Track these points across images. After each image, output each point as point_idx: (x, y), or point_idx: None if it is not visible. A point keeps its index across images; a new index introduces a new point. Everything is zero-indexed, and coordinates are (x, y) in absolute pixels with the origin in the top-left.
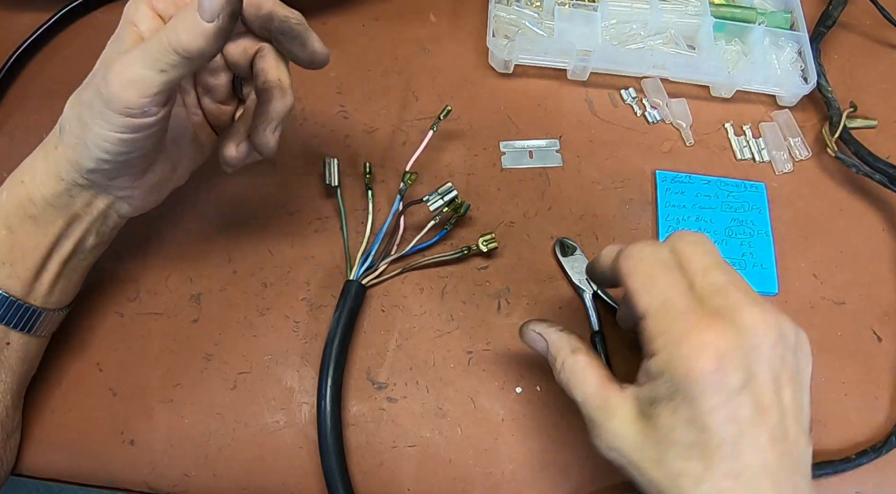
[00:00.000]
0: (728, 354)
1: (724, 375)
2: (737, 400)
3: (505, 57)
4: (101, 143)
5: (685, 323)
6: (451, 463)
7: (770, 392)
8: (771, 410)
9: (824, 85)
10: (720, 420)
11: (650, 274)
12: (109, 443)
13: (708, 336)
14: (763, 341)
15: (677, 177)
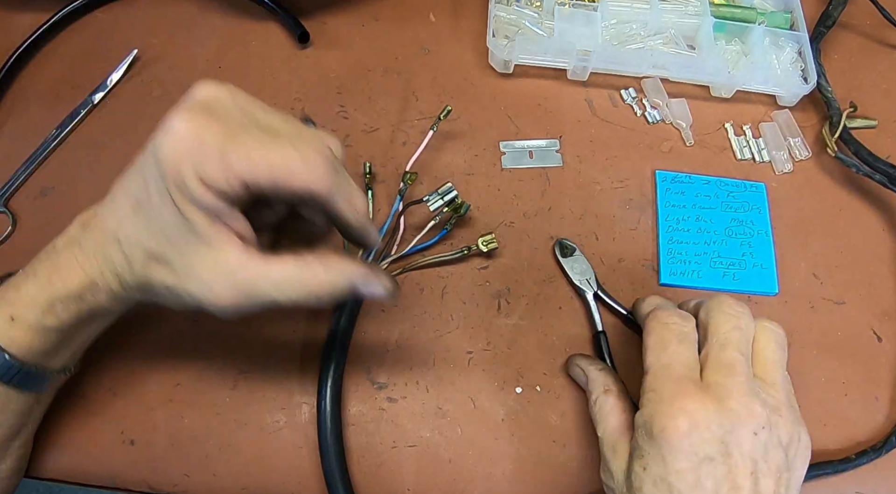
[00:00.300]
0: (704, 424)
1: (695, 442)
2: (705, 469)
3: (505, 57)
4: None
5: (675, 387)
6: (451, 463)
7: (744, 475)
8: (745, 488)
9: (824, 85)
10: (685, 484)
11: (664, 339)
12: (109, 443)
13: (690, 403)
14: (744, 426)
15: (677, 177)
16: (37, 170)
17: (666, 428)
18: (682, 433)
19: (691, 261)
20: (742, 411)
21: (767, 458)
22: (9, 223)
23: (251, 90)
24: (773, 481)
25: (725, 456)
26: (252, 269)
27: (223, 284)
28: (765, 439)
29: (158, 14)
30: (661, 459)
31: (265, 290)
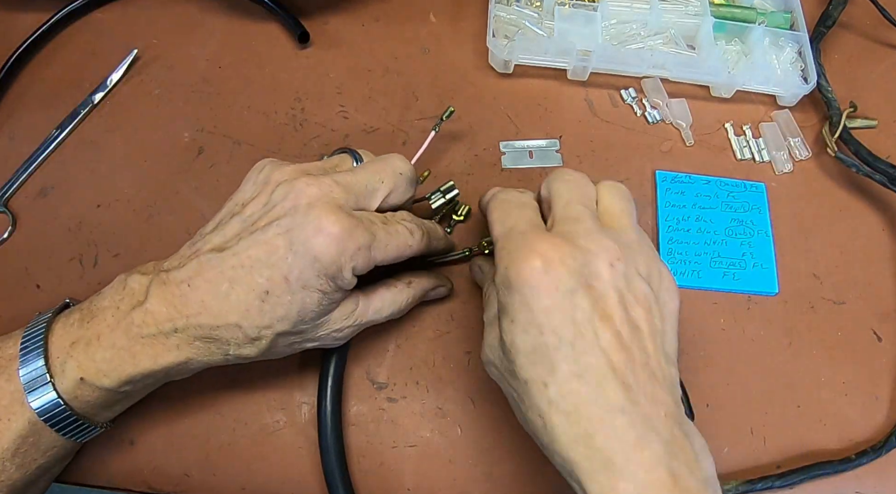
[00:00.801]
0: (558, 259)
1: (555, 277)
2: (570, 301)
3: (505, 57)
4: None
5: (523, 239)
6: (451, 463)
7: (613, 303)
8: (613, 317)
9: (824, 85)
10: (555, 321)
11: (504, 209)
12: (109, 443)
13: (540, 245)
14: (597, 258)
15: (677, 177)
16: (37, 170)
17: (521, 271)
18: (539, 271)
19: (691, 261)
20: (593, 246)
21: (631, 288)
22: (9, 223)
23: (251, 90)
24: (644, 310)
25: (587, 288)
26: (362, 307)
27: (345, 328)
28: (623, 270)
29: (158, 14)
30: (524, 305)
31: (370, 318)
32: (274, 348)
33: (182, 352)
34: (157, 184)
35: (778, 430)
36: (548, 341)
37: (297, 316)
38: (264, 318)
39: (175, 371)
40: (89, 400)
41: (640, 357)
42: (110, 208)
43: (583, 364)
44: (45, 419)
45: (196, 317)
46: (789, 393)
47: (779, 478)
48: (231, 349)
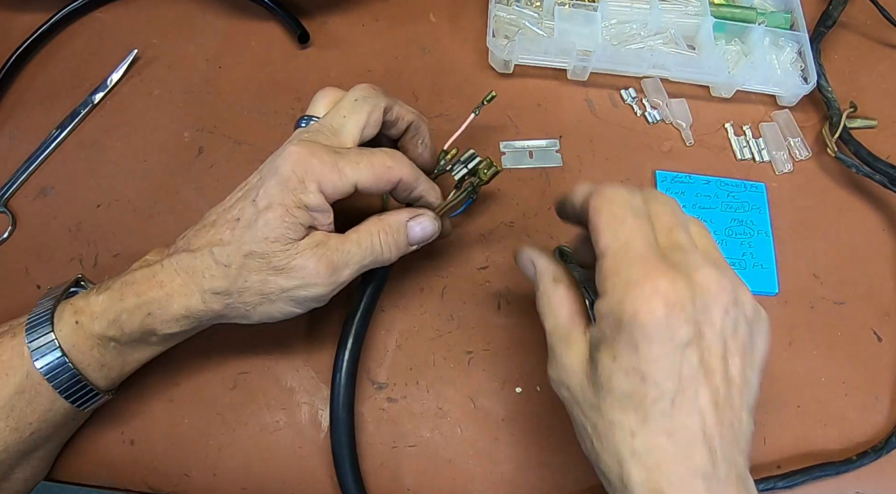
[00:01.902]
0: (679, 305)
1: (672, 326)
2: (681, 355)
3: (505, 57)
4: (276, 315)
5: (642, 267)
6: (451, 463)
7: (717, 356)
8: (716, 374)
9: (824, 85)
10: (661, 373)
11: (618, 215)
12: (109, 443)
13: (662, 283)
14: (715, 302)
15: (677, 177)
16: (37, 170)
17: (639, 313)
18: (658, 317)
19: None
20: (712, 285)
21: (736, 336)
22: (9, 223)
23: (251, 90)
24: (740, 360)
25: (699, 339)
26: (335, 237)
27: (317, 260)
28: (734, 316)
29: (158, 14)
30: (633, 347)
31: (344, 258)
32: (245, 280)
33: (163, 288)
34: (157, 184)
35: (778, 430)
36: (648, 391)
37: (261, 233)
38: (232, 241)
39: (159, 312)
40: (83, 349)
41: (728, 416)
42: (110, 208)
43: (677, 422)
44: (46, 374)
45: (177, 254)
46: (789, 393)
47: (780, 479)
48: (205, 281)
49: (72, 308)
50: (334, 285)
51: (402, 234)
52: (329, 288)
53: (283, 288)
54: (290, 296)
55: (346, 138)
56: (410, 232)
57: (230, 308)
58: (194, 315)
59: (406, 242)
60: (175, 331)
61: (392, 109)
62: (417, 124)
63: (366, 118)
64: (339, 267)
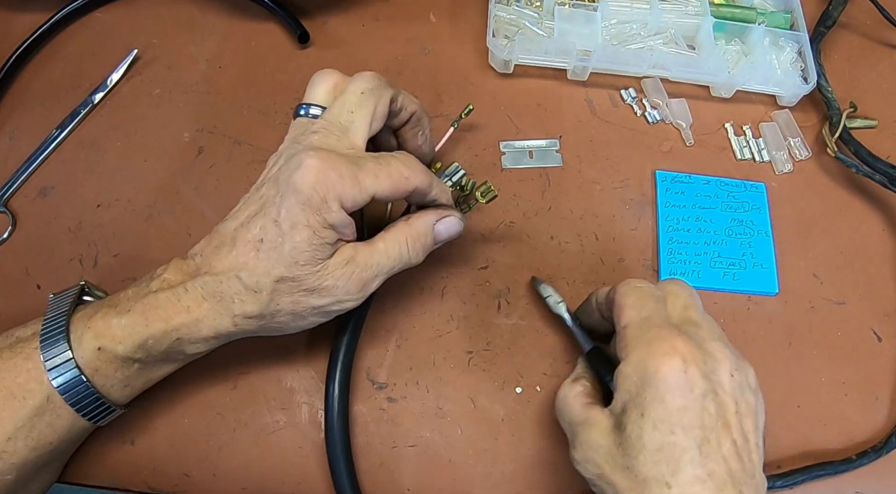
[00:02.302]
0: (694, 362)
1: (690, 379)
2: (702, 404)
3: (505, 57)
4: (306, 327)
5: (660, 331)
6: (451, 463)
7: (732, 410)
8: (733, 426)
9: (824, 85)
10: (687, 421)
11: (641, 298)
12: (109, 443)
13: (677, 343)
14: (721, 366)
15: (677, 177)
16: (37, 170)
17: (660, 368)
18: (678, 369)
19: (691, 261)
20: (717, 353)
21: (744, 399)
22: (9, 223)
23: (251, 90)
24: (751, 422)
25: (714, 394)
26: (363, 250)
27: (347, 279)
28: (739, 380)
29: (158, 14)
30: (659, 400)
31: (374, 266)
32: (277, 304)
33: (191, 314)
34: (157, 184)
35: (778, 430)
36: (677, 441)
37: (290, 257)
38: (259, 265)
39: (187, 336)
40: (107, 372)
41: (749, 468)
42: (110, 208)
43: (708, 469)
44: (66, 395)
45: (202, 277)
46: (789, 393)
47: (780, 478)
48: (235, 306)
49: (91, 332)
50: (364, 297)
51: (430, 237)
52: (359, 301)
53: (314, 306)
54: (322, 312)
55: (357, 137)
56: (437, 234)
57: (263, 328)
58: (224, 335)
59: (432, 243)
60: (203, 350)
61: (397, 99)
62: (420, 115)
63: (373, 112)
64: (368, 282)
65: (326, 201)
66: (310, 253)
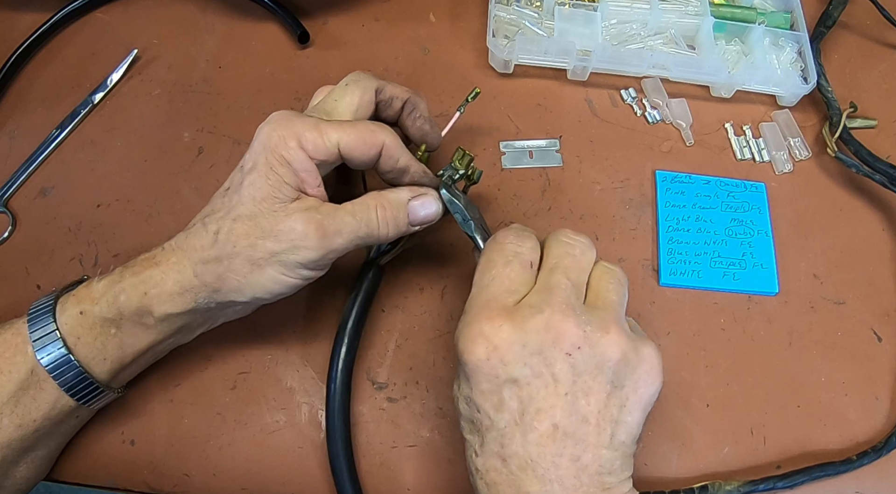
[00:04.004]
0: (504, 347)
1: (495, 366)
2: (507, 391)
3: (505, 57)
4: (272, 286)
5: (478, 311)
6: (451, 463)
7: (557, 394)
8: (553, 410)
9: (824, 85)
10: (489, 405)
11: (491, 260)
12: (109, 443)
13: (488, 326)
14: (554, 347)
15: (677, 177)
16: (37, 170)
17: (464, 352)
18: (480, 357)
19: (691, 261)
20: (551, 332)
21: (587, 377)
22: (9, 223)
23: (251, 90)
24: (596, 400)
25: (534, 377)
26: (329, 205)
27: (305, 222)
28: (582, 358)
29: (158, 14)
30: (466, 380)
31: (343, 218)
32: (234, 244)
33: (159, 266)
34: (157, 184)
35: (778, 430)
36: (482, 420)
37: (248, 194)
38: (223, 208)
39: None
40: (87, 341)
41: (573, 450)
42: (110, 208)
43: (508, 450)
44: (48, 367)
45: (176, 236)
46: (789, 393)
47: (780, 479)
48: (196, 252)
49: (74, 298)
50: (325, 250)
51: (402, 212)
52: (319, 252)
53: (271, 251)
54: (279, 261)
55: (340, 119)
56: (412, 211)
57: (222, 279)
58: (188, 290)
59: (406, 222)
60: (172, 312)
61: (384, 90)
62: (414, 101)
63: (358, 100)
64: (329, 233)
65: (285, 139)
66: (265, 188)
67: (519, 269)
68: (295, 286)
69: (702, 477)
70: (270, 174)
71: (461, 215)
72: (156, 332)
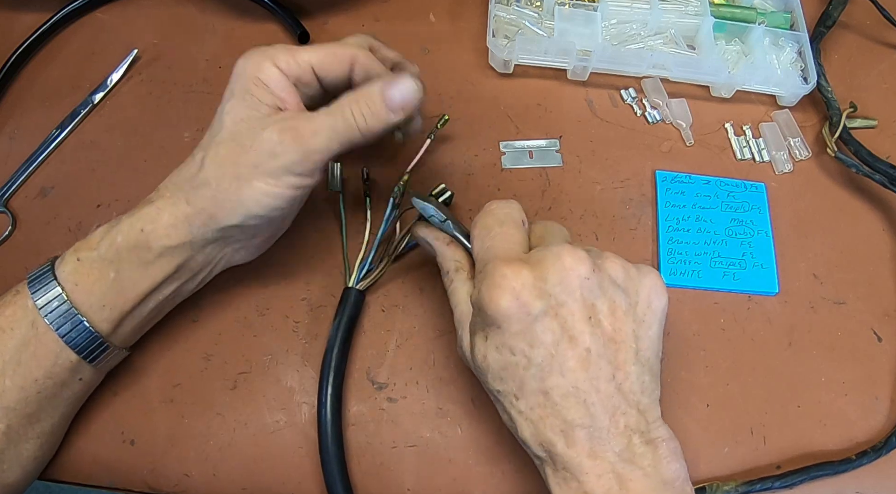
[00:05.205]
0: (526, 286)
1: (523, 303)
2: (539, 325)
3: (505, 57)
4: (262, 199)
5: (493, 263)
6: (451, 463)
7: (581, 319)
8: (582, 336)
9: (824, 85)
10: (525, 343)
11: (486, 225)
12: (109, 443)
13: (506, 271)
14: (569, 274)
15: (677, 177)
16: (37, 170)
17: (492, 299)
18: (508, 300)
19: (691, 261)
20: (566, 259)
21: (604, 298)
22: (9, 223)
23: None
24: (617, 320)
25: (558, 307)
26: (304, 113)
27: (280, 130)
28: (596, 282)
29: (158, 14)
30: (496, 327)
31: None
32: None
33: (153, 205)
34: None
35: (778, 430)
36: (518, 361)
37: (229, 118)
38: (207, 139)
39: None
40: (85, 286)
41: (607, 371)
42: (110, 208)
43: (548, 383)
44: (48, 317)
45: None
46: (789, 393)
47: (779, 479)
48: (187, 183)
49: (72, 249)
50: (304, 151)
51: (378, 101)
52: (298, 154)
53: (253, 163)
54: (262, 171)
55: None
56: (388, 98)
57: (214, 201)
58: (183, 220)
59: (385, 110)
60: (168, 244)
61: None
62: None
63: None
64: (306, 134)
65: (259, 63)
66: (243, 109)
67: (514, 226)
68: (286, 197)
69: (702, 478)
70: (247, 96)
71: (437, 217)
72: (155, 270)
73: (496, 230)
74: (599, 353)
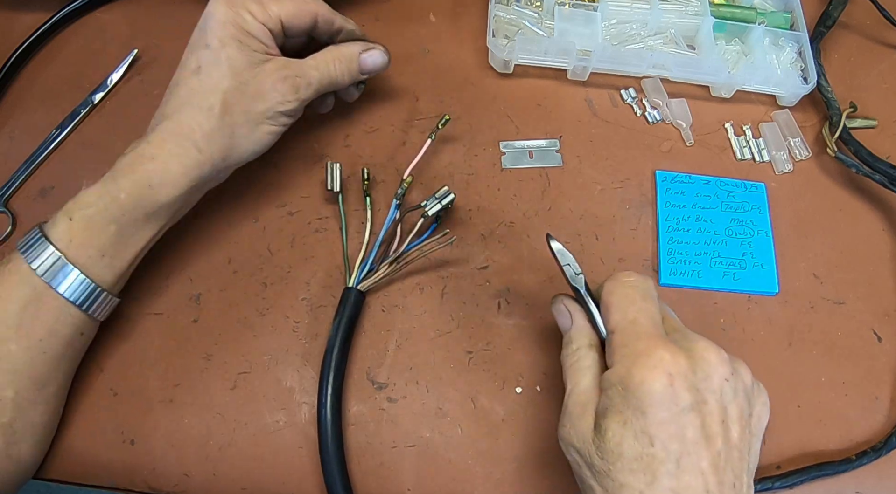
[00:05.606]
0: (680, 375)
1: (675, 393)
2: (684, 419)
3: (505, 57)
4: (265, 139)
5: (647, 341)
6: (451, 463)
7: (717, 422)
8: (716, 439)
9: (824, 85)
10: (667, 435)
11: (628, 296)
12: (109, 443)
13: (664, 355)
14: (714, 372)
15: (677, 177)
16: (37, 170)
17: (645, 381)
18: (664, 384)
19: (691, 261)
20: (712, 357)
21: (735, 403)
22: (9, 223)
23: None
24: (741, 428)
25: (701, 404)
26: (295, 63)
27: (282, 82)
28: (732, 386)
29: (158, 14)
30: (641, 412)
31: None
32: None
33: (156, 159)
34: None
35: (778, 430)
36: (656, 453)
37: (229, 68)
38: (205, 86)
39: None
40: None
41: (729, 478)
42: None
43: (683, 482)
44: (44, 275)
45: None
46: (789, 393)
47: (779, 479)
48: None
49: (61, 211)
50: (300, 101)
51: (355, 63)
52: (296, 103)
53: (261, 110)
54: (269, 117)
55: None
56: (363, 62)
57: (229, 147)
58: (194, 167)
59: (358, 70)
60: (177, 194)
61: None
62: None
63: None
64: (301, 87)
65: (238, 13)
66: (244, 59)
67: (655, 305)
68: (279, 133)
69: None
70: (242, 46)
71: (573, 268)
72: (160, 218)
73: (640, 305)
74: (727, 458)
